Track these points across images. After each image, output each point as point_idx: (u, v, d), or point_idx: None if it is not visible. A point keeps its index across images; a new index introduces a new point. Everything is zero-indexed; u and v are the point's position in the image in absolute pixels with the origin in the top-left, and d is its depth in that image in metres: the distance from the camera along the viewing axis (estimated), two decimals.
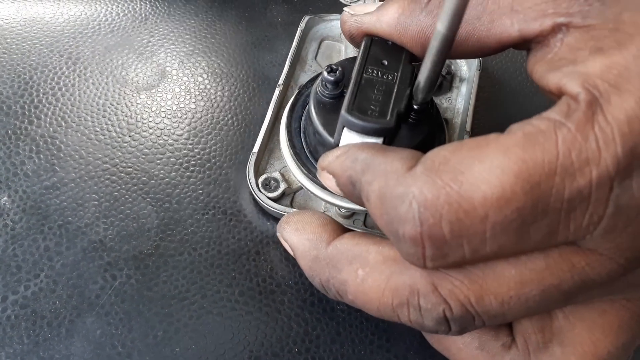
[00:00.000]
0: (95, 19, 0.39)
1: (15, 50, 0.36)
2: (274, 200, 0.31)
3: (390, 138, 0.25)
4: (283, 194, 0.31)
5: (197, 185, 0.33)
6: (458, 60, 0.36)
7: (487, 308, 0.20)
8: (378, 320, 0.30)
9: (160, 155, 0.33)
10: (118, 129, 0.34)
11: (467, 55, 0.24)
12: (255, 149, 0.31)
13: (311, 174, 0.28)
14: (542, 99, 0.23)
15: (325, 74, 0.26)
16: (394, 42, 0.26)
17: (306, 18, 0.36)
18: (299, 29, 0.36)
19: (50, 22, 0.38)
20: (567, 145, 0.17)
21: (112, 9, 0.40)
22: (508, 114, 0.37)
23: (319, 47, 0.37)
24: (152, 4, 0.40)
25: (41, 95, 0.35)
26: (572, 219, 0.18)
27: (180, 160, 0.33)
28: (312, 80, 0.31)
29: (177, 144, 0.34)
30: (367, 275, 0.22)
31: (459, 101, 0.35)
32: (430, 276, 0.21)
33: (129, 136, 0.34)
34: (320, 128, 0.26)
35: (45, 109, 0.34)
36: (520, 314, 0.21)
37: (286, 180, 0.31)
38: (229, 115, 0.35)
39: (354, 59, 0.27)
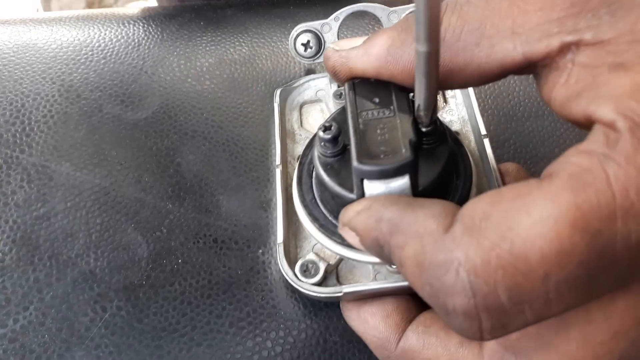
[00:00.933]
0: (87, 44, 0.39)
1: (8, 77, 0.37)
2: (319, 284, 0.28)
3: (414, 171, 0.23)
4: (326, 274, 0.29)
5: (189, 213, 0.32)
6: None
7: None
8: (371, 352, 0.29)
9: (151, 184, 0.33)
10: (110, 158, 0.34)
11: (468, 84, 0.23)
12: (280, 238, 0.29)
13: (345, 241, 0.25)
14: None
15: (321, 134, 0.25)
16: (376, 79, 0.25)
17: (278, 91, 0.35)
18: (275, 103, 0.34)
19: (43, 48, 0.38)
20: (622, 182, 0.16)
21: (104, 34, 0.40)
22: (515, 107, 0.36)
23: (300, 114, 0.36)
24: (145, 29, 0.40)
25: (33, 123, 0.35)
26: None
27: (172, 188, 0.33)
28: (309, 146, 0.30)
29: (169, 171, 0.34)
30: None
31: (460, 110, 0.34)
32: None
33: (120, 164, 0.34)
34: (337, 189, 0.24)
35: (37, 137, 0.34)
36: None
37: (323, 259, 0.28)
38: (222, 141, 0.35)
39: (343, 109, 0.26)
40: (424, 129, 0.24)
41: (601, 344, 0.19)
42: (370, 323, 0.24)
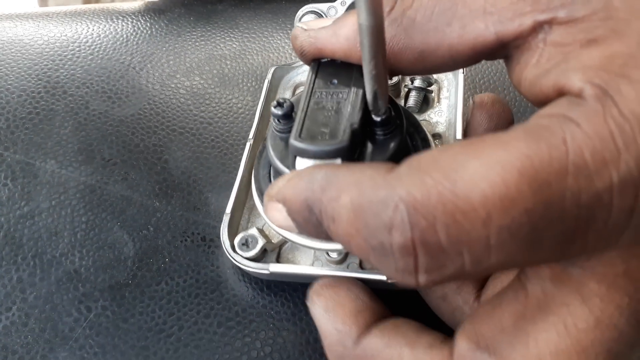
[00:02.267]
0: (74, 40, 0.38)
1: None
2: (254, 259, 0.28)
3: (348, 156, 0.22)
4: (265, 251, 0.28)
5: (176, 211, 0.32)
6: None
7: None
8: None
9: (138, 181, 0.32)
10: (96, 155, 0.33)
11: (439, 67, 0.23)
12: (228, 209, 0.29)
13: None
14: None
15: (272, 109, 0.24)
16: (343, 62, 0.24)
17: (272, 69, 0.34)
18: (266, 80, 0.34)
19: (29, 44, 0.38)
20: (578, 142, 0.15)
21: (92, 29, 0.39)
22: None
23: (293, 95, 0.35)
24: (133, 24, 0.40)
25: (18, 120, 0.34)
26: (591, 229, 0.16)
27: (159, 186, 0.32)
28: None
29: (157, 168, 0.33)
30: None
31: (450, 112, 0.33)
32: None
33: (106, 162, 0.33)
34: (278, 164, 0.24)
35: (21, 135, 0.33)
36: None
37: (266, 237, 0.28)
38: (211, 138, 0.35)
39: None
40: (377, 118, 0.23)
41: (585, 332, 0.18)
42: (335, 314, 0.22)
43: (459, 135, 0.30)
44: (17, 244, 0.30)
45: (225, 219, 0.29)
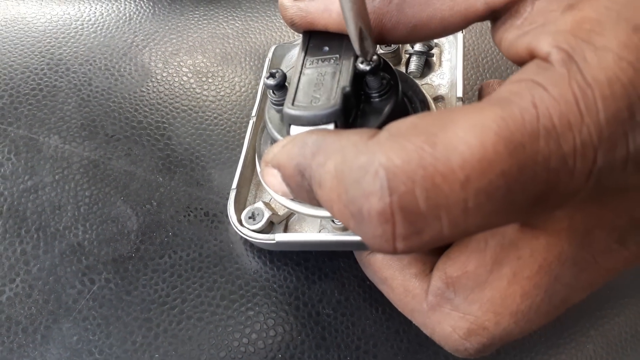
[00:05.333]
0: (78, 19, 0.38)
1: None
2: (260, 231, 0.28)
3: (343, 122, 0.22)
4: (271, 224, 0.29)
5: (179, 186, 0.32)
6: None
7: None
8: (364, 325, 0.29)
9: (141, 157, 0.32)
10: (99, 131, 0.33)
11: (432, 36, 0.23)
12: (234, 184, 0.29)
13: None
14: None
15: (265, 80, 0.24)
16: None
17: (273, 47, 0.34)
18: (267, 59, 0.34)
19: (32, 22, 0.37)
20: (546, 105, 0.16)
21: (95, 8, 0.39)
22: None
23: None
24: (136, 3, 0.39)
25: (21, 96, 0.34)
26: (554, 191, 0.16)
27: (163, 161, 0.32)
28: None
29: (160, 145, 0.33)
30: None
31: (452, 74, 0.32)
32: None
33: (109, 137, 0.33)
34: (275, 134, 0.24)
35: (25, 110, 0.33)
36: None
37: (272, 209, 0.28)
38: (214, 115, 0.35)
39: None
40: (367, 67, 0.22)
41: (528, 279, 0.20)
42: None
43: (459, 94, 0.30)
44: (20, 217, 0.30)
45: (232, 194, 0.29)
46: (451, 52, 0.33)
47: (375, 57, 0.23)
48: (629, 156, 0.16)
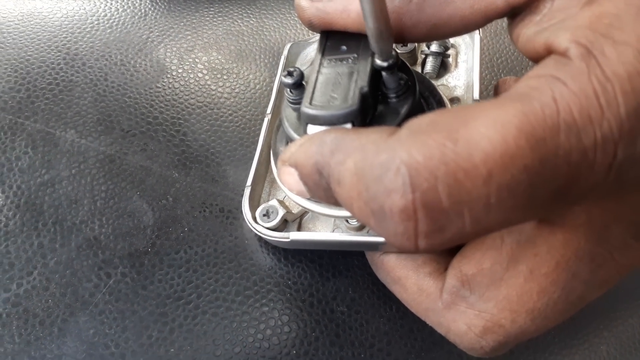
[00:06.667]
0: (94, 14, 0.38)
1: (12, 44, 0.36)
2: (274, 229, 0.28)
3: (361, 121, 0.22)
4: (285, 222, 0.29)
5: (195, 182, 0.32)
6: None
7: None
8: (378, 323, 0.29)
9: (157, 152, 0.33)
10: (115, 126, 0.33)
11: (451, 35, 0.23)
12: (249, 181, 0.29)
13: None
14: None
15: (283, 79, 0.24)
16: None
17: (289, 45, 0.34)
18: (282, 56, 0.34)
19: (48, 17, 0.38)
20: (566, 100, 0.16)
21: (111, 4, 0.39)
22: None
23: None
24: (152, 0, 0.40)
25: (38, 90, 0.34)
26: (575, 186, 0.16)
27: (178, 157, 0.33)
28: None
29: (175, 141, 0.33)
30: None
31: (468, 76, 0.32)
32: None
33: (125, 133, 0.33)
34: (292, 133, 0.24)
35: (42, 104, 0.34)
36: None
37: (286, 207, 0.28)
38: (229, 112, 0.35)
39: None
40: (384, 64, 0.22)
41: (545, 276, 0.20)
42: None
43: (476, 96, 0.30)
44: (37, 210, 0.30)
45: (247, 191, 0.29)
46: (467, 53, 0.33)
47: (393, 53, 0.23)
48: None
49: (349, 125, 0.22)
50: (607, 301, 0.31)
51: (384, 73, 0.23)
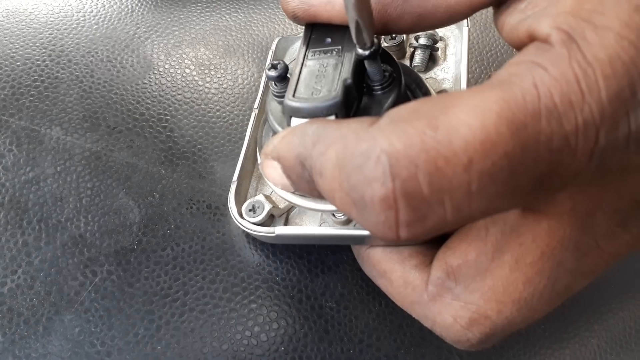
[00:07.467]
0: (79, 10, 0.38)
1: None
2: (260, 224, 0.28)
3: (345, 113, 0.22)
4: (272, 217, 0.29)
5: (182, 179, 0.32)
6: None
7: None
8: (367, 318, 0.28)
9: (143, 149, 0.32)
10: (101, 123, 0.33)
11: (437, 25, 0.23)
12: (235, 176, 0.29)
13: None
14: None
15: (266, 71, 0.24)
16: None
17: (277, 39, 0.34)
18: (270, 51, 0.34)
19: (34, 13, 0.37)
20: (547, 85, 0.16)
21: (97, 0, 0.39)
22: None
23: None
24: None
25: (23, 87, 0.34)
26: (557, 173, 0.16)
27: (165, 154, 0.32)
28: None
29: (162, 137, 0.33)
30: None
31: (457, 68, 0.32)
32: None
33: (112, 129, 0.33)
34: (276, 126, 0.24)
35: (26, 102, 0.33)
36: None
37: (272, 202, 0.28)
38: (217, 108, 0.34)
39: None
40: (365, 52, 0.22)
41: (530, 265, 0.20)
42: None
43: (464, 88, 0.30)
44: (22, 208, 0.30)
45: (233, 186, 0.29)
46: (456, 46, 0.33)
47: (375, 41, 0.22)
48: (630, 135, 0.16)
49: (332, 118, 0.22)
50: (598, 295, 0.31)
51: (367, 64, 0.23)
